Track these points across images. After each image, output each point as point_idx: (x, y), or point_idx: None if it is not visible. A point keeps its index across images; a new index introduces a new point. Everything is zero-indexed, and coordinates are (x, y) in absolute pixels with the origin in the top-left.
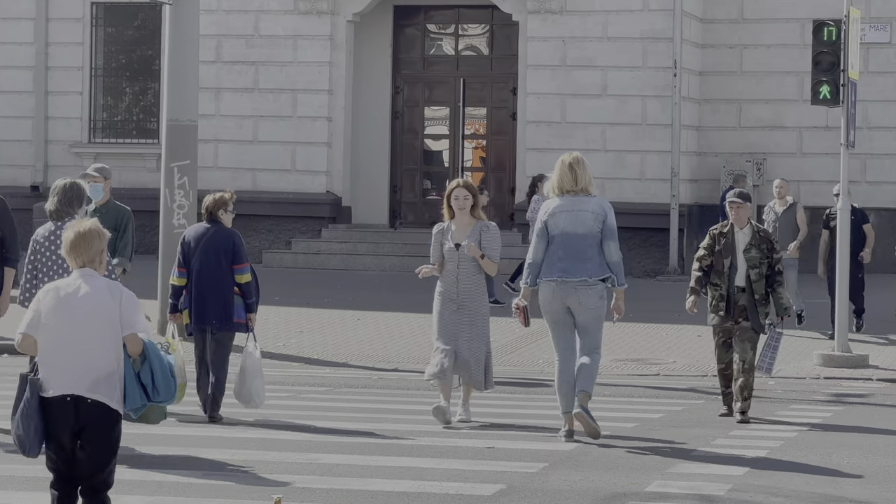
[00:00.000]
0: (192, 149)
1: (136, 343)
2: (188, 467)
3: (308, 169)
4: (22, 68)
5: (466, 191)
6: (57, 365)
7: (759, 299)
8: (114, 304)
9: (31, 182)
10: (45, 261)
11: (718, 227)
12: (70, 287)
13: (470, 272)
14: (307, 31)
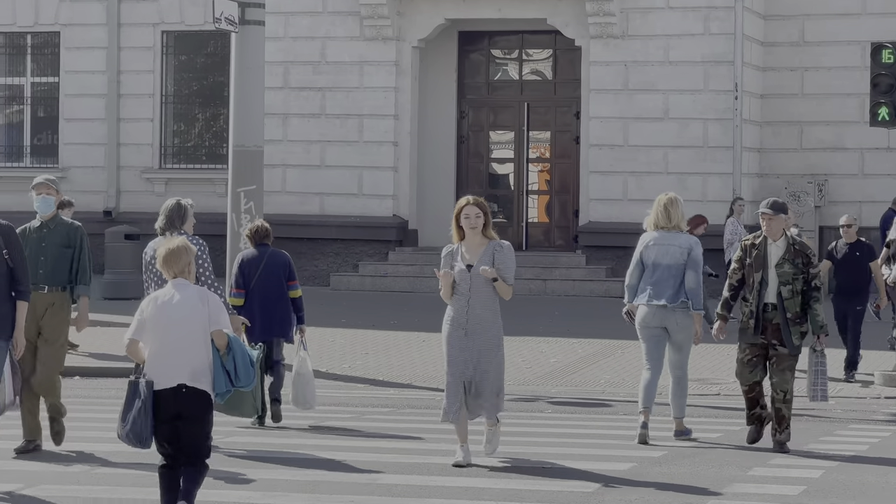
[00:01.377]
0: (257, 174)
1: (221, 337)
2: (245, 487)
3: (375, 193)
4: (95, 96)
5: (478, 208)
6: (161, 362)
7: (793, 318)
8: (203, 306)
9: (103, 207)
10: (155, 272)
11: (751, 237)
12: (166, 296)
13: (483, 297)
14: (373, 58)
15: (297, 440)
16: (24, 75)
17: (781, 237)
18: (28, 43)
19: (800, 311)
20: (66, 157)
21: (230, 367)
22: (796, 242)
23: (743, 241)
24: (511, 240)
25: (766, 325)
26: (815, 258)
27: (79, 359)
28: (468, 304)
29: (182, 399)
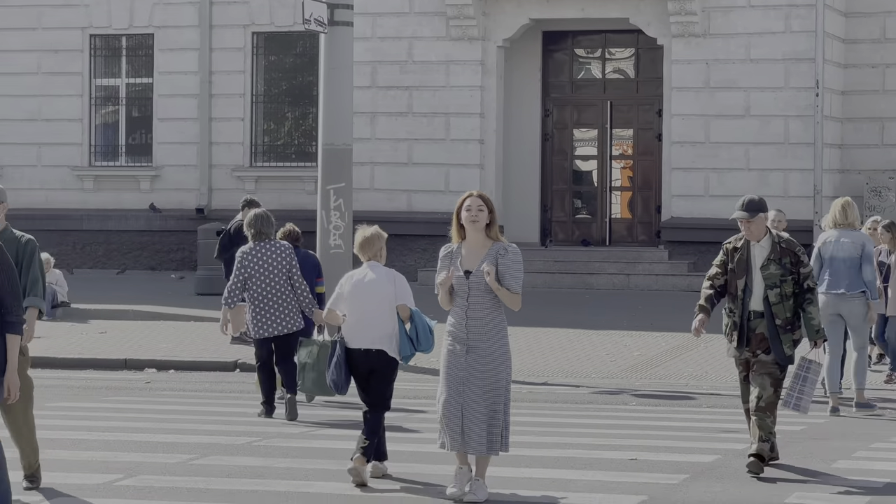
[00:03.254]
0: (346, 172)
1: (405, 310)
2: (339, 479)
3: (461, 190)
4: (187, 96)
5: (481, 201)
6: (356, 328)
7: (783, 325)
8: (390, 285)
9: (196, 205)
10: (252, 270)
11: (732, 240)
12: (361, 274)
13: (483, 306)
14: (459, 57)
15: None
16: (119, 76)
17: (765, 236)
18: (123, 45)
19: (791, 316)
20: (159, 155)
21: (413, 335)
22: (782, 240)
23: (725, 244)
24: (594, 235)
25: (751, 335)
26: (805, 256)
27: (172, 353)
28: (466, 317)
29: (372, 358)
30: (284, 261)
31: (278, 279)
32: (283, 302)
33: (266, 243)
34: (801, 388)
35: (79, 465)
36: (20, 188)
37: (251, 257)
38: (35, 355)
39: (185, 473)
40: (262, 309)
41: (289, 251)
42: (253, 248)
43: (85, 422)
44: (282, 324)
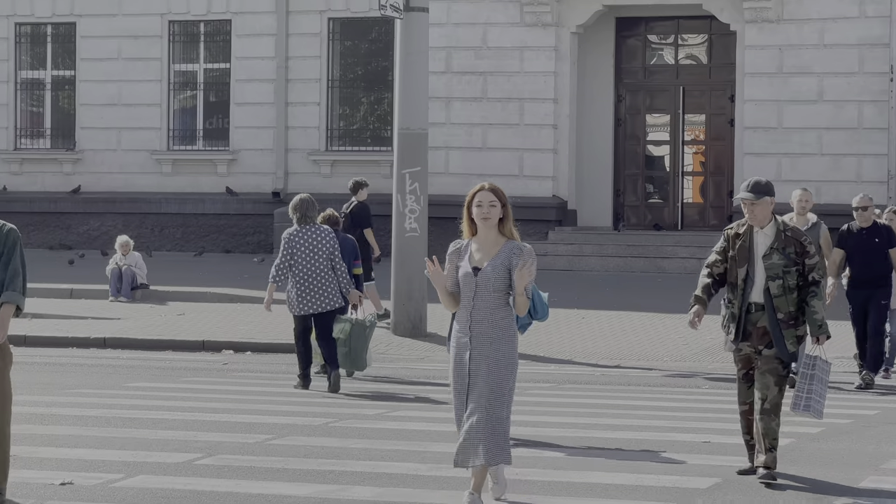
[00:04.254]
0: (422, 156)
1: None
2: (414, 460)
3: (535, 174)
4: (264, 81)
5: (493, 195)
6: None
7: (785, 319)
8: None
9: (272, 188)
10: (297, 251)
11: (734, 225)
12: None
13: (491, 306)
14: (533, 43)
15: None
16: (197, 62)
17: (770, 223)
18: (201, 31)
19: (795, 310)
20: (236, 140)
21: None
22: (788, 228)
23: (727, 229)
24: (666, 220)
25: (751, 329)
26: (812, 246)
27: (249, 335)
28: (470, 318)
29: None
30: (327, 244)
31: (321, 260)
32: (325, 282)
33: (311, 227)
34: (810, 389)
35: (159, 444)
36: (100, 172)
37: (297, 239)
38: (114, 336)
39: (263, 453)
40: (305, 287)
41: (331, 235)
42: (298, 231)
43: (164, 402)
44: (322, 302)
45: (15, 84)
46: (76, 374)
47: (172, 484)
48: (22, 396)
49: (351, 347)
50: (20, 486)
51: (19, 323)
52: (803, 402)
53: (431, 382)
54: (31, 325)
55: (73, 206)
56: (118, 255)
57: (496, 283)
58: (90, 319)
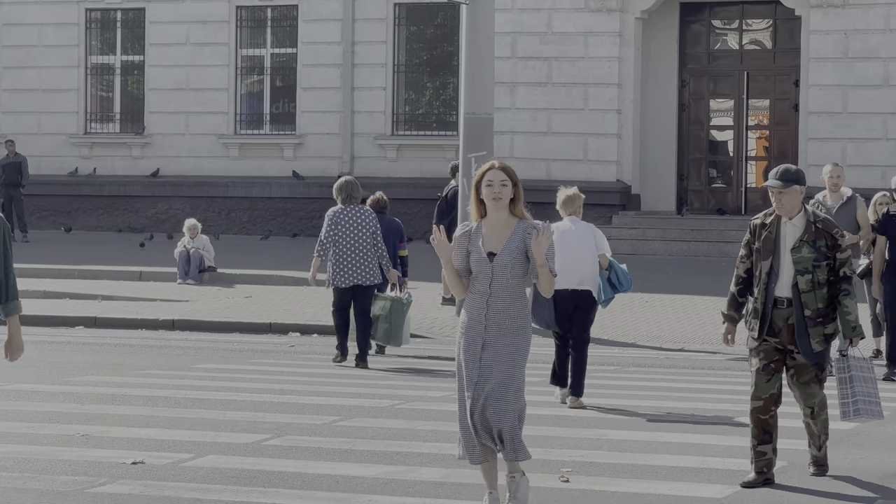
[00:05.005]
0: (488, 140)
1: (604, 258)
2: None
3: (599, 159)
4: (330, 66)
5: (504, 174)
6: (563, 270)
7: (812, 316)
8: (591, 235)
9: (338, 172)
10: (340, 230)
11: (760, 216)
12: (565, 227)
13: (508, 294)
14: (597, 28)
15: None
16: (263, 47)
17: (799, 213)
18: (268, 16)
19: (824, 307)
20: (302, 124)
21: (613, 279)
22: (818, 220)
23: (752, 220)
24: (730, 204)
25: (781, 325)
26: (843, 239)
27: (315, 317)
28: (487, 306)
29: (575, 297)
30: (369, 223)
31: (363, 237)
32: (365, 258)
33: (354, 206)
34: (853, 392)
35: (228, 425)
36: (168, 156)
37: (340, 217)
38: (182, 318)
39: (331, 434)
40: (345, 262)
41: (372, 215)
42: (343, 210)
43: (232, 383)
44: (362, 275)
45: (85, 69)
46: (146, 355)
47: (241, 464)
48: (93, 377)
49: (391, 324)
50: (93, 465)
51: (90, 305)
52: (851, 408)
53: None
54: (101, 307)
55: (141, 189)
56: (186, 238)
57: (514, 268)
58: (159, 301)
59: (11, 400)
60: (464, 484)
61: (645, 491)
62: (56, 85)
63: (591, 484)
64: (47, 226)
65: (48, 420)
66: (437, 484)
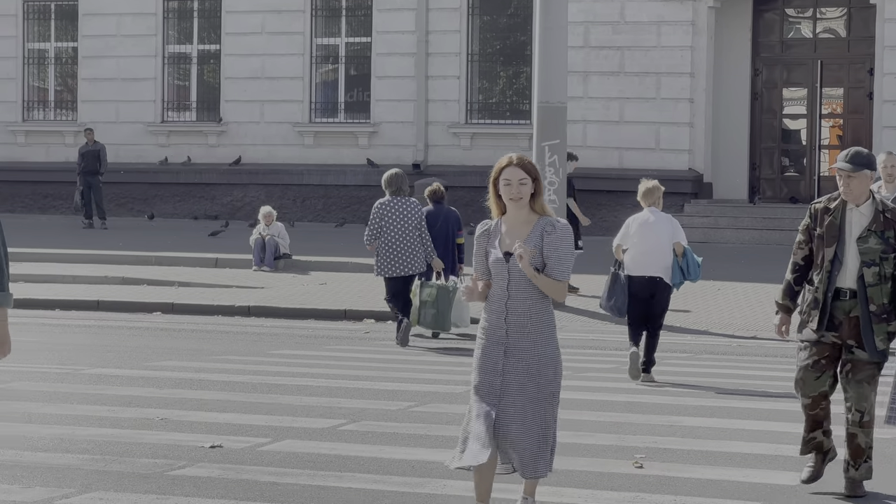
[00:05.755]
0: (561, 129)
1: (680, 247)
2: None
3: (671, 147)
4: (405, 55)
5: (522, 171)
6: (639, 259)
7: (878, 312)
8: (669, 226)
9: (412, 161)
10: (388, 219)
11: (824, 200)
12: (644, 217)
13: (528, 296)
14: (670, 17)
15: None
16: (338, 36)
17: (867, 200)
18: (343, 6)
19: (888, 302)
20: (377, 112)
21: (684, 266)
22: (888, 209)
23: (813, 204)
24: (803, 193)
25: (842, 318)
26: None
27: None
28: (506, 309)
29: (651, 284)
30: (416, 214)
31: (409, 228)
32: (412, 248)
33: (401, 198)
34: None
35: (304, 410)
36: (244, 144)
37: (387, 208)
38: (258, 304)
39: (406, 420)
40: (392, 252)
41: (418, 206)
42: (390, 201)
43: (308, 369)
44: (408, 266)
45: (162, 58)
46: (222, 340)
47: (318, 449)
48: (171, 362)
49: (438, 310)
50: (172, 449)
51: (167, 291)
52: None
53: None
54: (178, 293)
55: (217, 177)
56: (261, 225)
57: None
58: (234, 288)
59: (93, 384)
60: None
61: (719, 477)
62: (134, 74)
63: (664, 470)
64: (125, 213)
65: (128, 404)
66: None
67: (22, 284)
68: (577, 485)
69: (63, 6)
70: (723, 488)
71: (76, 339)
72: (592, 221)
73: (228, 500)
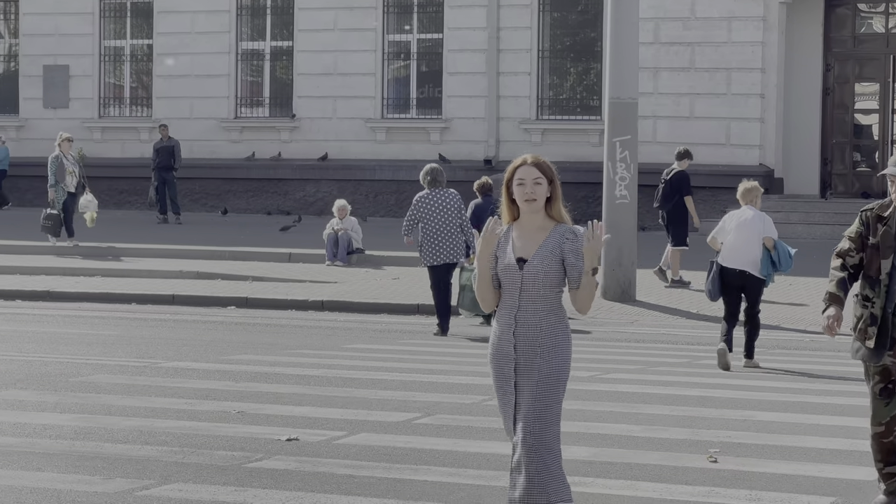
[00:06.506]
0: (632, 125)
1: (770, 241)
2: (628, 421)
3: (742, 143)
4: (476, 51)
5: (538, 171)
6: (733, 252)
7: None
8: (760, 222)
9: (484, 156)
10: (428, 211)
11: (875, 206)
12: (740, 214)
13: (540, 307)
14: (741, 13)
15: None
16: (410, 32)
17: None
18: (414, 2)
19: None
20: (448, 108)
21: (776, 259)
22: None
23: (864, 210)
24: (875, 188)
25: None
26: None
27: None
28: (515, 321)
29: (742, 276)
30: (454, 204)
31: (449, 219)
32: (452, 237)
33: (439, 190)
34: None
35: (379, 404)
36: (316, 139)
37: (426, 200)
38: (331, 299)
39: (480, 413)
40: (434, 242)
41: (457, 197)
42: (429, 194)
43: (382, 363)
44: (449, 254)
45: (236, 55)
46: (296, 335)
47: (393, 442)
48: (246, 356)
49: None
50: (249, 441)
51: (241, 285)
52: None
53: (642, 345)
54: (252, 288)
55: (290, 172)
56: (335, 219)
57: (546, 276)
58: (308, 283)
59: (170, 377)
60: (613, 463)
61: (794, 472)
62: (208, 71)
63: (739, 464)
64: (198, 208)
65: (205, 397)
66: (587, 462)
67: (98, 279)
68: (651, 478)
69: (139, 4)
70: (798, 483)
71: (153, 332)
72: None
73: (305, 492)
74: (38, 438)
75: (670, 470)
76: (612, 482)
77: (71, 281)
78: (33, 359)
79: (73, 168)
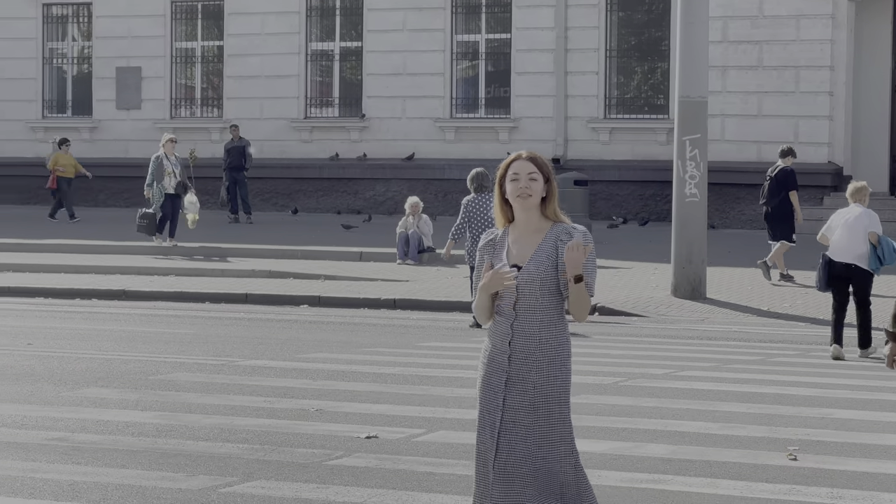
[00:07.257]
0: (702, 123)
1: (874, 236)
2: (705, 419)
3: (810, 141)
4: (544, 51)
5: (532, 166)
6: (839, 246)
7: None
8: (866, 218)
9: (552, 155)
10: (475, 216)
11: None
12: (847, 212)
13: (538, 317)
14: (810, 11)
15: (743, 381)
16: (478, 32)
17: None
18: (482, 3)
19: None
20: (517, 108)
21: (880, 254)
22: None
23: None
24: None
25: None
26: None
27: None
28: (511, 331)
29: (851, 271)
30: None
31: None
32: None
33: (486, 194)
34: None
35: (456, 401)
36: (385, 139)
37: (473, 204)
38: (403, 297)
39: None
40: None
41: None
42: (476, 198)
43: (457, 360)
44: None
45: (305, 56)
46: (370, 333)
47: (472, 439)
48: (322, 354)
49: None
50: (329, 439)
51: (313, 284)
52: None
53: (715, 342)
54: (325, 287)
55: (360, 172)
56: (407, 218)
57: (544, 283)
58: (379, 281)
59: (248, 375)
60: (691, 460)
61: (875, 470)
62: (278, 71)
63: (819, 462)
64: (269, 208)
65: (283, 395)
66: (665, 460)
67: (173, 278)
68: (731, 476)
69: (209, 6)
70: (879, 481)
71: (228, 331)
72: (730, 215)
73: (386, 489)
74: (122, 436)
75: (750, 468)
76: (691, 479)
77: (145, 280)
78: (113, 357)
79: (174, 169)
